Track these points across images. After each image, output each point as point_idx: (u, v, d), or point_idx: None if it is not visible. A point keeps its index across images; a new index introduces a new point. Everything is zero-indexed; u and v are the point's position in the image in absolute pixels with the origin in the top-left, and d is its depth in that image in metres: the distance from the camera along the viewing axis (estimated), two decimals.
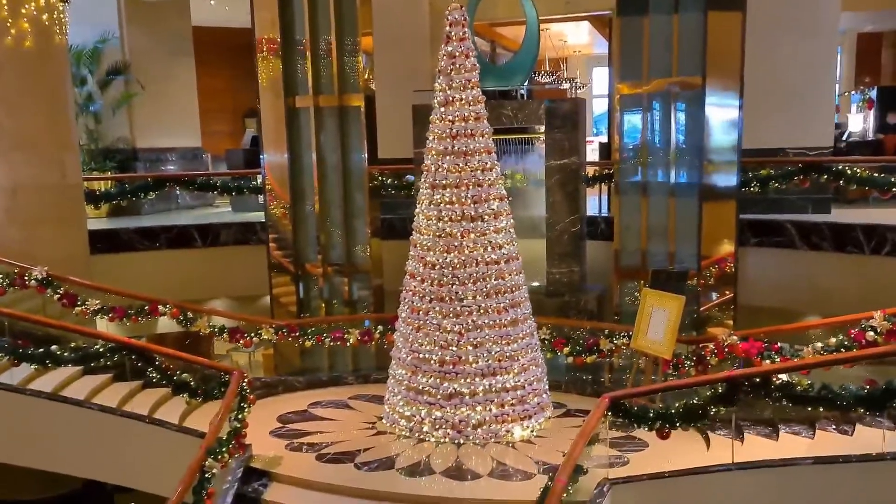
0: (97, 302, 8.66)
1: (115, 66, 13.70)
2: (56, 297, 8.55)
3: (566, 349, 8.31)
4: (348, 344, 8.96)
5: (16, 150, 8.93)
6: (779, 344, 7.16)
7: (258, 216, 11.67)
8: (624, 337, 8.13)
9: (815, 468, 5.44)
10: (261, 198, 11.68)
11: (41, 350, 7.15)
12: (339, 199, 10.06)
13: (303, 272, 10.25)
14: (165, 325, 9.78)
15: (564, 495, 5.22)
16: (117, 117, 13.87)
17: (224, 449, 5.95)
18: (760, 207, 10.08)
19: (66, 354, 7.13)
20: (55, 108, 9.38)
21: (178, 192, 13.14)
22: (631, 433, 6.89)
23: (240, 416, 6.39)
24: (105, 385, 7.79)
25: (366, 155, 9.90)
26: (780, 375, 5.60)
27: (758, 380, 5.54)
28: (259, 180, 11.14)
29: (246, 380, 6.69)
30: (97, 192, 11.89)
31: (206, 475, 5.64)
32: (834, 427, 6.50)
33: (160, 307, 8.78)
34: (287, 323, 9.20)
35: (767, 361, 6.96)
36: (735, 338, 7.44)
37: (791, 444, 6.34)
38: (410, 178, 10.50)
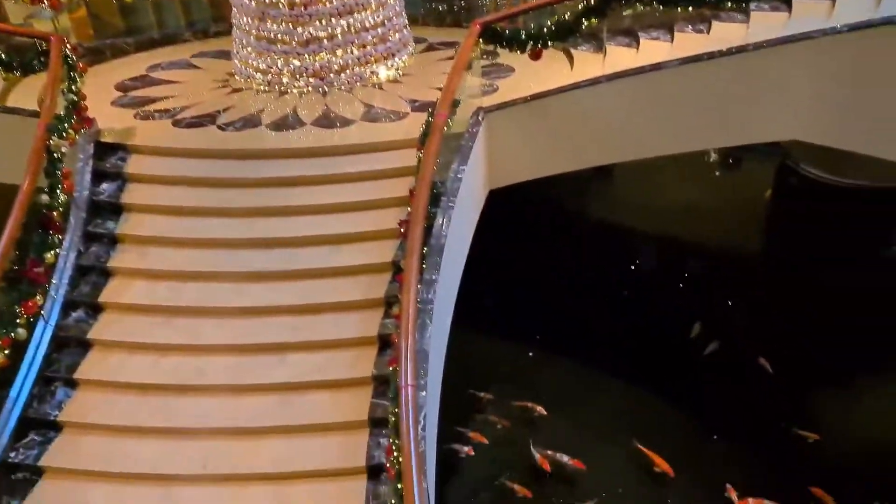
0: None
1: None
2: None
3: None
4: None
5: None
6: None
7: None
8: None
9: (681, 69, 5.63)
10: None
11: None
12: None
13: None
14: None
15: (445, 129, 5.20)
16: None
17: (66, 125, 5.28)
18: None
19: None
20: None
21: None
22: (497, 61, 6.82)
23: (74, 88, 5.61)
24: None
25: None
26: None
27: None
28: None
29: (68, 46, 5.74)
30: None
31: (56, 155, 5.06)
32: (691, 27, 6.67)
33: None
34: None
35: None
36: None
37: (652, 51, 6.49)
38: None
